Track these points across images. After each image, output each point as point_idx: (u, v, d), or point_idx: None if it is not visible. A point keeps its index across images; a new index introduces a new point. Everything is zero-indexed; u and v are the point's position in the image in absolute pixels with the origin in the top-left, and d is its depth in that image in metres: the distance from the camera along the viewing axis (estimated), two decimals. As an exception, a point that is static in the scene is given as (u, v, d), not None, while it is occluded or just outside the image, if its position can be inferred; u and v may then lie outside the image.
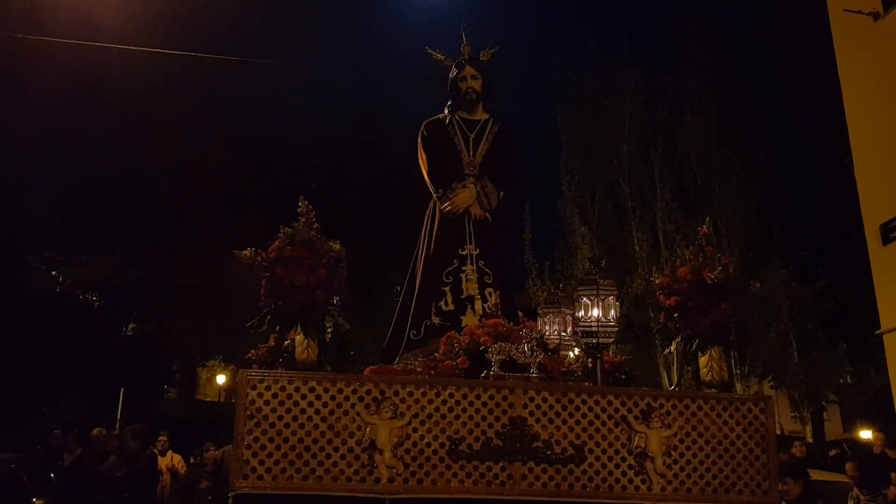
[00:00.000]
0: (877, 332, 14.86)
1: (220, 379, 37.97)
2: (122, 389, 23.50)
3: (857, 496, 8.10)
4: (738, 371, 23.84)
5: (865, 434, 20.37)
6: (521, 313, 7.10)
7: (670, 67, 25.30)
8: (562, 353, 6.20)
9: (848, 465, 8.36)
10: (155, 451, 12.89)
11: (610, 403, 5.01)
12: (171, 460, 12.81)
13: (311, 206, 5.29)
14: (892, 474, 8.51)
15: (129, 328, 31.00)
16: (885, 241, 13.98)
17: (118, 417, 22.91)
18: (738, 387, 24.09)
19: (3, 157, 24.13)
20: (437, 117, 7.56)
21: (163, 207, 27.24)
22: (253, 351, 5.83)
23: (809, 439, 25.71)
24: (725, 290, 5.27)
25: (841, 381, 24.91)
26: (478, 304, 6.92)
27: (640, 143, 24.67)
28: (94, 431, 12.52)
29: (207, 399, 40.12)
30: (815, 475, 10.16)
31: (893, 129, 13.85)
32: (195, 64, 20.45)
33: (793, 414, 28.03)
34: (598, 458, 4.93)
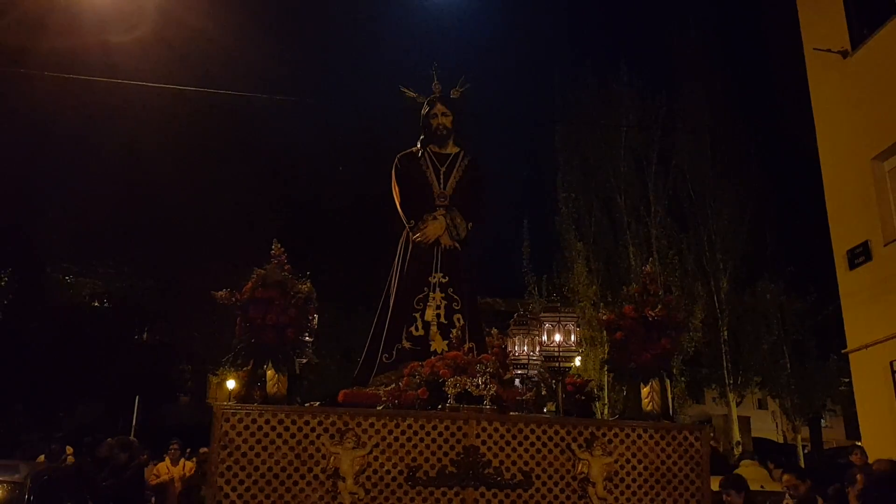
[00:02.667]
0: (843, 352, 15.11)
1: (231, 384, 38.35)
2: (137, 397, 23.88)
3: None
4: (731, 382, 24.10)
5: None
6: (495, 330, 7.39)
7: (665, 87, 25.59)
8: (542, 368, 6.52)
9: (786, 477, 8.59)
10: (166, 456, 13.18)
11: (556, 433, 5.33)
12: (183, 468, 12.92)
13: (283, 249, 5.62)
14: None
15: (143, 337, 31.40)
16: (851, 266, 14.23)
17: (133, 424, 23.32)
18: (732, 396, 24.37)
19: (24, 175, 24.65)
20: (410, 150, 7.83)
21: (177, 222, 27.60)
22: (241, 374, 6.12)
23: (801, 447, 25.94)
24: (666, 326, 5.58)
25: (842, 388, 25.04)
26: (446, 331, 7.21)
27: (635, 161, 24.95)
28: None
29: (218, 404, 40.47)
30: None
31: (860, 161, 14.12)
32: (208, 98, 21.02)
33: (775, 422, 28.25)
34: (544, 484, 5.25)
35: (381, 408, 5.60)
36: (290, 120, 28.66)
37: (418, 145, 7.76)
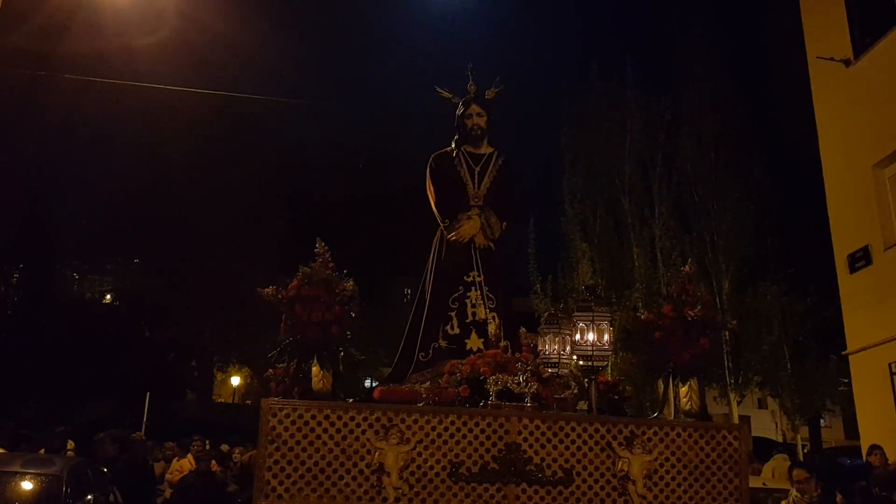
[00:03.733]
0: (843, 353, 15.32)
1: (235, 381, 38.36)
2: (148, 393, 23.84)
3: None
4: (732, 381, 24.12)
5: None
6: (523, 329, 7.40)
7: (669, 90, 25.64)
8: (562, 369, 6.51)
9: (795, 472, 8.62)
10: (190, 454, 13.09)
11: (597, 430, 5.32)
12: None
13: (327, 248, 5.61)
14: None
15: (153, 334, 31.37)
16: (852, 269, 14.41)
17: (144, 420, 23.26)
18: (733, 396, 24.39)
19: (38, 173, 24.65)
20: (444, 150, 7.79)
21: (187, 220, 27.60)
22: (271, 370, 6.12)
23: (800, 446, 26.00)
24: (705, 326, 5.57)
25: (841, 388, 25.14)
26: (481, 329, 7.20)
27: (639, 163, 25.00)
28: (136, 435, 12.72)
29: (222, 400, 40.52)
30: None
31: (861, 167, 14.27)
32: (222, 100, 21.13)
33: (775, 422, 28.30)
34: (584, 481, 5.24)
35: (422, 405, 5.59)
36: (302, 121, 28.73)
37: (452, 145, 7.73)
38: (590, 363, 6.15)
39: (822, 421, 31.70)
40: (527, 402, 5.45)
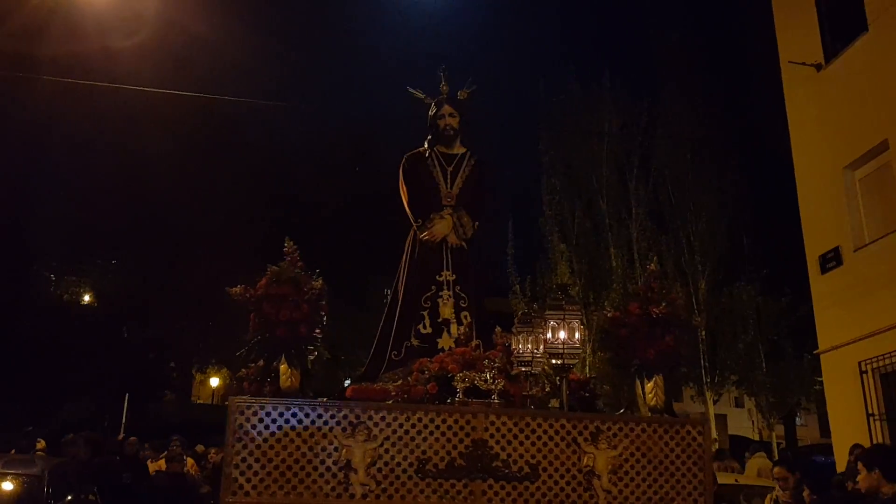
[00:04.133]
0: (814, 352, 15.49)
1: (214, 381, 38.19)
2: (127, 394, 23.73)
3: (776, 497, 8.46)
4: (708, 380, 24.27)
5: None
6: (499, 329, 7.43)
7: (646, 93, 25.77)
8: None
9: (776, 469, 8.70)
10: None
11: (563, 426, 5.35)
12: (187, 465, 12.77)
13: (295, 246, 5.61)
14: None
15: (131, 335, 31.19)
16: (823, 270, 14.50)
17: (123, 421, 23.15)
18: (709, 395, 24.54)
19: (12, 173, 24.44)
20: (417, 151, 7.80)
21: (165, 221, 27.47)
22: (244, 370, 6.11)
23: (776, 444, 26.20)
24: (670, 323, 5.62)
25: (816, 387, 25.36)
26: (453, 328, 7.20)
27: (617, 165, 25.11)
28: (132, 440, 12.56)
29: (201, 402, 40.34)
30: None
31: (832, 169, 14.40)
32: (201, 101, 21.08)
33: (752, 420, 28.55)
34: (550, 476, 5.26)
35: (390, 402, 5.61)
36: (280, 122, 28.60)
37: (425, 145, 7.74)
38: (561, 361, 6.18)
39: (797, 419, 31.94)
40: (493, 399, 5.48)
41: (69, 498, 9.17)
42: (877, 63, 13.44)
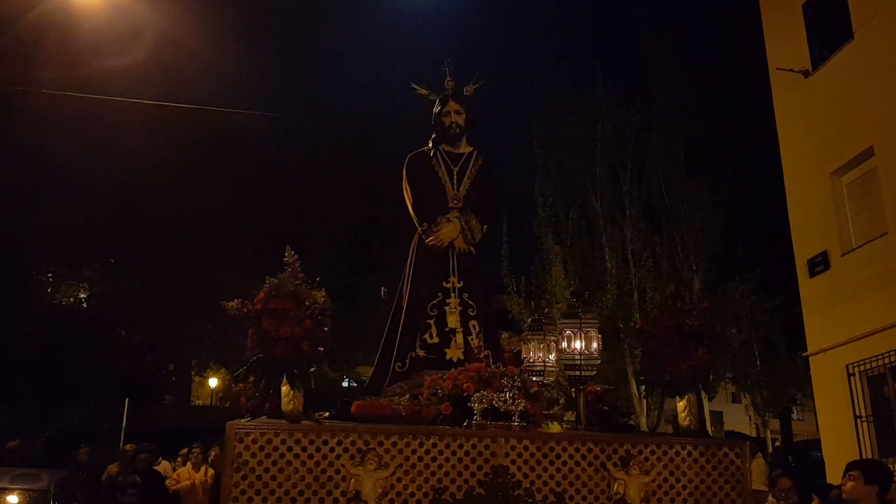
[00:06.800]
0: (803, 355, 15.50)
1: (213, 382, 37.56)
2: (127, 399, 23.10)
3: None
4: (704, 379, 23.78)
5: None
6: (505, 334, 6.86)
7: (639, 95, 25.27)
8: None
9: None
10: (189, 462, 12.38)
11: (590, 450, 4.78)
12: (204, 474, 11.95)
13: (296, 257, 5.01)
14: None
15: (131, 339, 30.56)
16: (812, 274, 14.44)
17: (123, 425, 22.50)
18: (703, 393, 24.05)
19: (11, 179, 23.88)
20: (421, 150, 7.18)
21: (162, 226, 26.91)
22: (241, 384, 5.49)
23: (770, 440, 25.79)
24: (702, 336, 5.04)
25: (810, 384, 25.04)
26: (460, 337, 6.63)
27: (610, 166, 24.57)
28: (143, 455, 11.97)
29: (199, 403, 39.70)
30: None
31: (819, 174, 14.32)
32: (194, 110, 20.61)
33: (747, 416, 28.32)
34: (578, 505, 4.69)
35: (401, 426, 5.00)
36: (276, 130, 27.96)
37: (430, 144, 7.10)
38: (577, 372, 5.62)
39: (793, 414, 31.62)
40: (514, 422, 4.88)
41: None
42: (862, 70, 13.37)
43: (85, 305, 30.14)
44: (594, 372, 5.72)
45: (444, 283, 6.72)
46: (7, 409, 23.56)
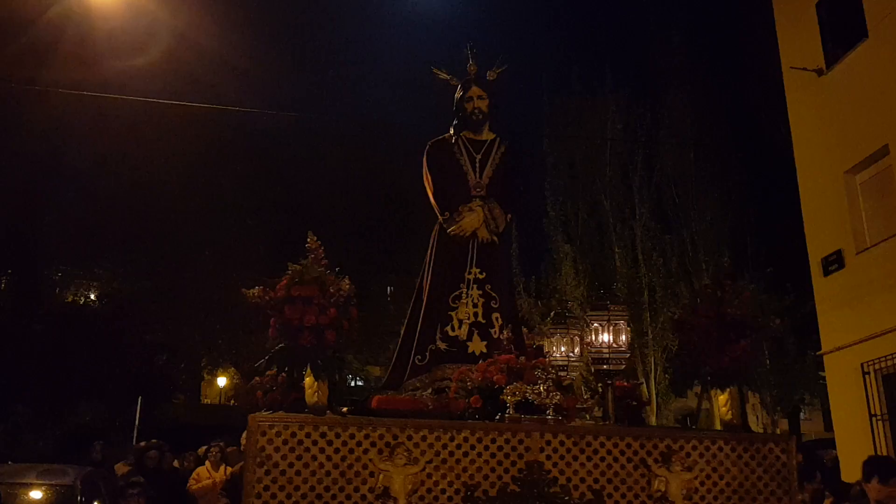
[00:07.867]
0: (817, 353, 15.22)
1: (222, 381, 37.32)
2: (140, 397, 22.87)
3: None
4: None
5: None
6: (525, 329, 6.57)
7: (649, 93, 25.02)
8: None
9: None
10: (208, 461, 12.07)
11: (629, 446, 4.49)
12: (224, 473, 11.78)
13: (319, 242, 4.72)
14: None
15: (143, 337, 30.36)
16: (826, 273, 14.19)
17: (136, 424, 22.28)
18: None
19: (24, 179, 23.72)
20: (442, 137, 6.87)
21: (174, 224, 26.70)
22: (257, 378, 5.20)
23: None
24: (744, 326, 4.73)
25: (821, 382, 24.78)
26: (483, 330, 6.35)
27: (620, 166, 24.33)
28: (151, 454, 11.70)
29: (209, 402, 39.49)
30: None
31: (833, 173, 14.12)
32: (207, 108, 20.40)
33: (756, 415, 28.00)
34: (616, 503, 4.40)
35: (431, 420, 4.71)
36: (292, 130, 27.68)
37: (451, 131, 6.78)
38: (605, 366, 5.33)
39: (802, 414, 31.30)
40: (549, 415, 4.58)
41: (97, 504, 8.99)
42: (877, 69, 13.14)
43: (96, 304, 29.93)
44: (623, 366, 5.46)
45: (466, 275, 6.43)
46: (20, 407, 23.41)
